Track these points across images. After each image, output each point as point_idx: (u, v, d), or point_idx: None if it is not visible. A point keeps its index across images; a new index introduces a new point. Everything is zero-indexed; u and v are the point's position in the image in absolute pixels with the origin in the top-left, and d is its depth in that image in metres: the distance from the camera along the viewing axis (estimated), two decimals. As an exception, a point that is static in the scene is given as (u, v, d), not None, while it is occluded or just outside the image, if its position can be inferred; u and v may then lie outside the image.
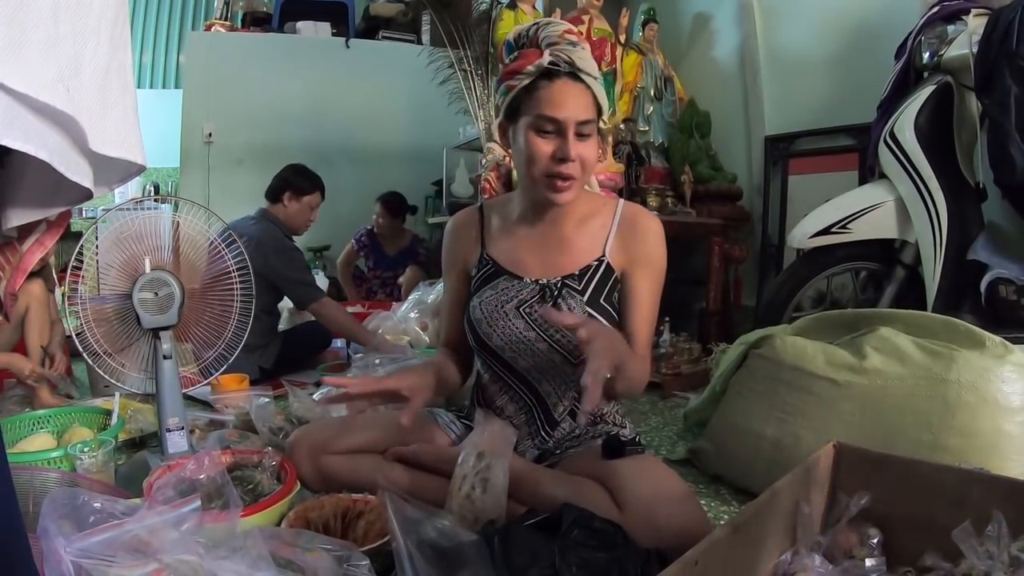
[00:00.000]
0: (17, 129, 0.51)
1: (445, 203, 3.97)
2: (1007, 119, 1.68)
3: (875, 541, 0.92)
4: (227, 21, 4.60)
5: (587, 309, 1.15)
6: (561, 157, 1.09)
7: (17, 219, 0.68)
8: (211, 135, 4.09)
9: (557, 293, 1.17)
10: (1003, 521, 0.79)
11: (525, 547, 0.85)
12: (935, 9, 1.93)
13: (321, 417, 1.57)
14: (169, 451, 1.41)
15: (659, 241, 1.21)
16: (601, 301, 1.18)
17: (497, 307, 1.20)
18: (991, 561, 0.78)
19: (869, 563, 0.89)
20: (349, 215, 3.92)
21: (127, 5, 0.65)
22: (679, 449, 1.70)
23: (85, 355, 1.44)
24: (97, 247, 1.41)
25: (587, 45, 1.14)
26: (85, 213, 4.66)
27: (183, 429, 1.43)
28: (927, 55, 1.91)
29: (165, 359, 1.42)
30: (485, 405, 1.29)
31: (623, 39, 3.14)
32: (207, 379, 1.61)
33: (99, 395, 2.03)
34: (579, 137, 1.09)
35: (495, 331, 1.20)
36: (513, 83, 1.11)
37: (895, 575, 0.90)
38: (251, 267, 1.56)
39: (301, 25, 4.43)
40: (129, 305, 1.39)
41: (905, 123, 1.90)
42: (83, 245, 1.41)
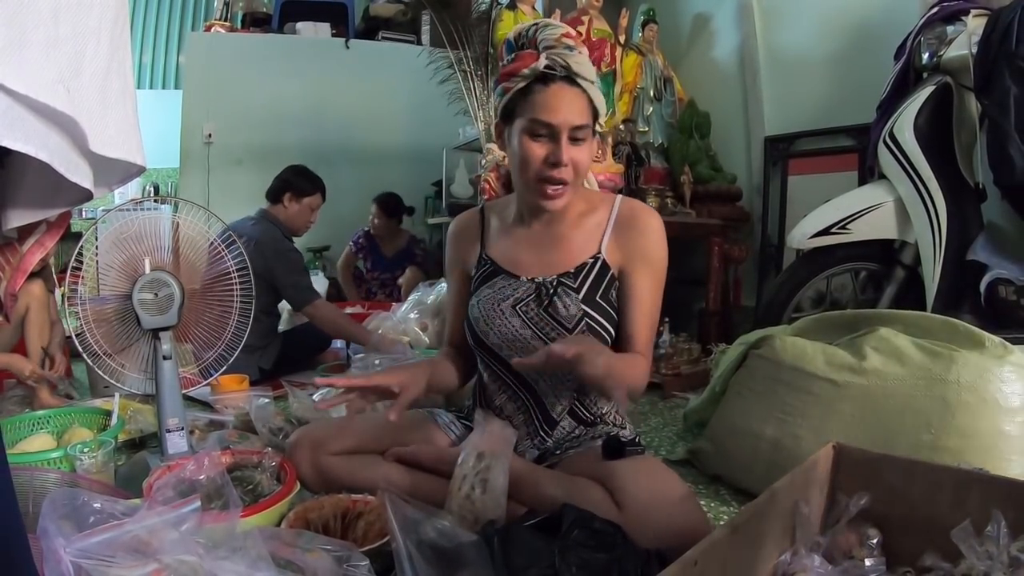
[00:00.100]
0: (17, 130, 0.51)
1: (445, 204, 3.97)
2: (1006, 119, 1.68)
3: (874, 541, 0.92)
4: (227, 22, 4.60)
5: (583, 307, 1.15)
6: (553, 161, 1.09)
7: (17, 220, 0.68)
8: (211, 136, 4.09)
9: (553, 291, 1.17)
10: (1002, 521, 0.79)
11: (525, 547, 0.85)
12: (935, 10, 1.94)
13: (321, 418, 1.57)
14: (169, 452, 1.41)
15: (659, 238, 1.20)
16: (597, 299, 1.17)
17: (494, 305, 1.20)
18: (990, 561, 0.78)
19: (868, 563, 0.89)
20: (349, 215, 3.91)
21: (127, 6, 0.65)
22: (679, 449, 1.70)
23: (85, 356, 1.44)
24: (97, 248, 1.41)
25: (585, 49, 1.14)
26: (85, 214, 4.65)
27: (183, 430, 1.43)
28: (927, 56, 1.92)
29: (165, 360, 1.42)
30: (485, 404, 1.29)
31: (623, 40, 3.14)
32: (207, 380, 1.61)
33: (99, 396, 2.03)
34: (573, 141, 1.09)
35: (492, 329, 1.20)
36: (509, 85, 1.11)
37: (894, 575, 0.90)
38: (251, 268, 1.56)
39: (301, 26, 4.43)
40: (129, 306, 1.39)
41: (905, 124, 1.90)
42: (83, 246, 1.41)
